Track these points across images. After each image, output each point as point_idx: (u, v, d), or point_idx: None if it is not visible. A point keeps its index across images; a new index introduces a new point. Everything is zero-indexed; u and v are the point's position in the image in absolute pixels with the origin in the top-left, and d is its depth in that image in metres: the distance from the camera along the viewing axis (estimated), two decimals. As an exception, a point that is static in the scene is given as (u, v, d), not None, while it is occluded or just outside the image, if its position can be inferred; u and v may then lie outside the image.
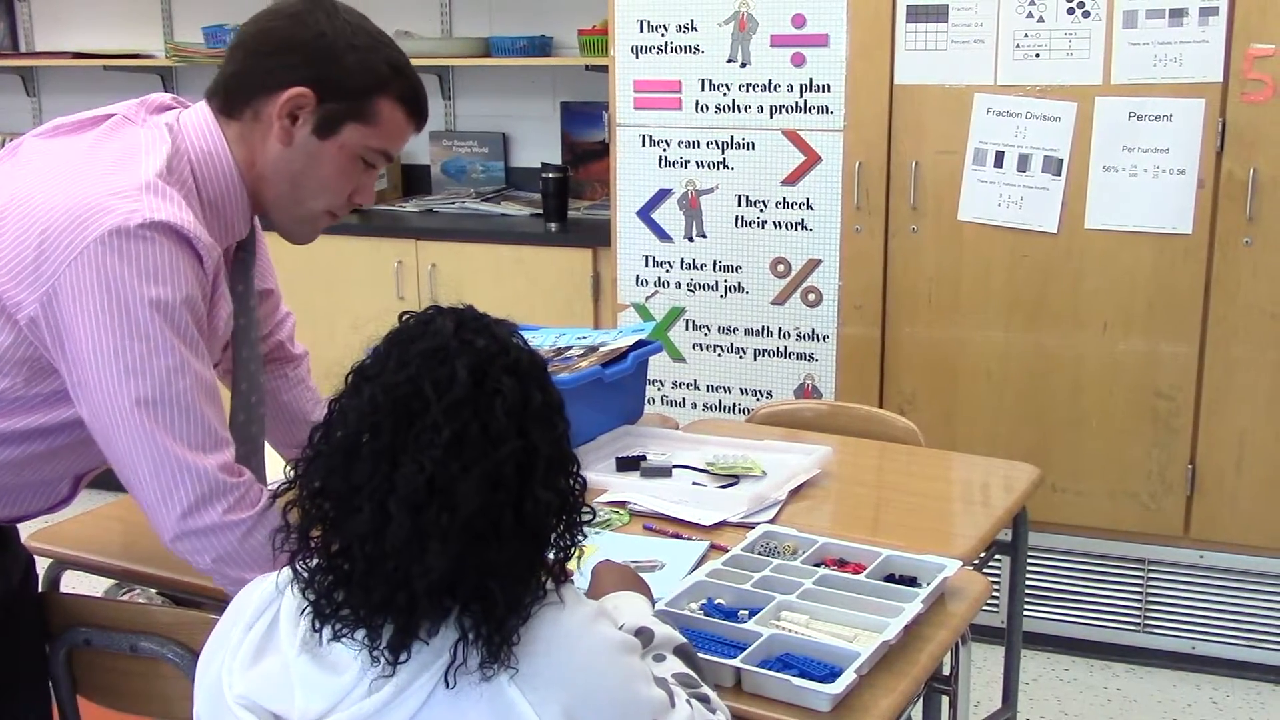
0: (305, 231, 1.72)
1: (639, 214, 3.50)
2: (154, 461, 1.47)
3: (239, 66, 1.63)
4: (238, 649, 1.18)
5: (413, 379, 1.10)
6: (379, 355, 1.15)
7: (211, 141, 1.60)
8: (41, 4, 5.12)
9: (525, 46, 4.13)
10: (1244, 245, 2.92)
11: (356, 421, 1.10)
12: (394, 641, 1.10)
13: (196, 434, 1.49)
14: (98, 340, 1.45)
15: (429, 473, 1.07)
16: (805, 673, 1.46)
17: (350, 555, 1.11)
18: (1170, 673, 3.19)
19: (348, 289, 4.06)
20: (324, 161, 1.62)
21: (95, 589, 2.21)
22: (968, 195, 3.13)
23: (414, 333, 1.14)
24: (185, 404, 1.48)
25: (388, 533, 1.07)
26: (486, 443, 1.10)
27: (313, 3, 1.63)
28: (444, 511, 1.08)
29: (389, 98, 1.63)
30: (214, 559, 1.53)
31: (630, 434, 2.35)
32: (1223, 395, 3.02)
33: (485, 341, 1.13)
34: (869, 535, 1.89)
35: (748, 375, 3.47)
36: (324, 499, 1.13)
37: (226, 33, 4.46)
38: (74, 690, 1.79)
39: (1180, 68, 2.89)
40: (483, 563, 1.09)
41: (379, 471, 1.08)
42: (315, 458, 1.14)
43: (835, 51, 3.19)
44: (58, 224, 1.46)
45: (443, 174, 4.58)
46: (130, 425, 1.47)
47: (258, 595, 1.22)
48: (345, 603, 1.11)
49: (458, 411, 1.09)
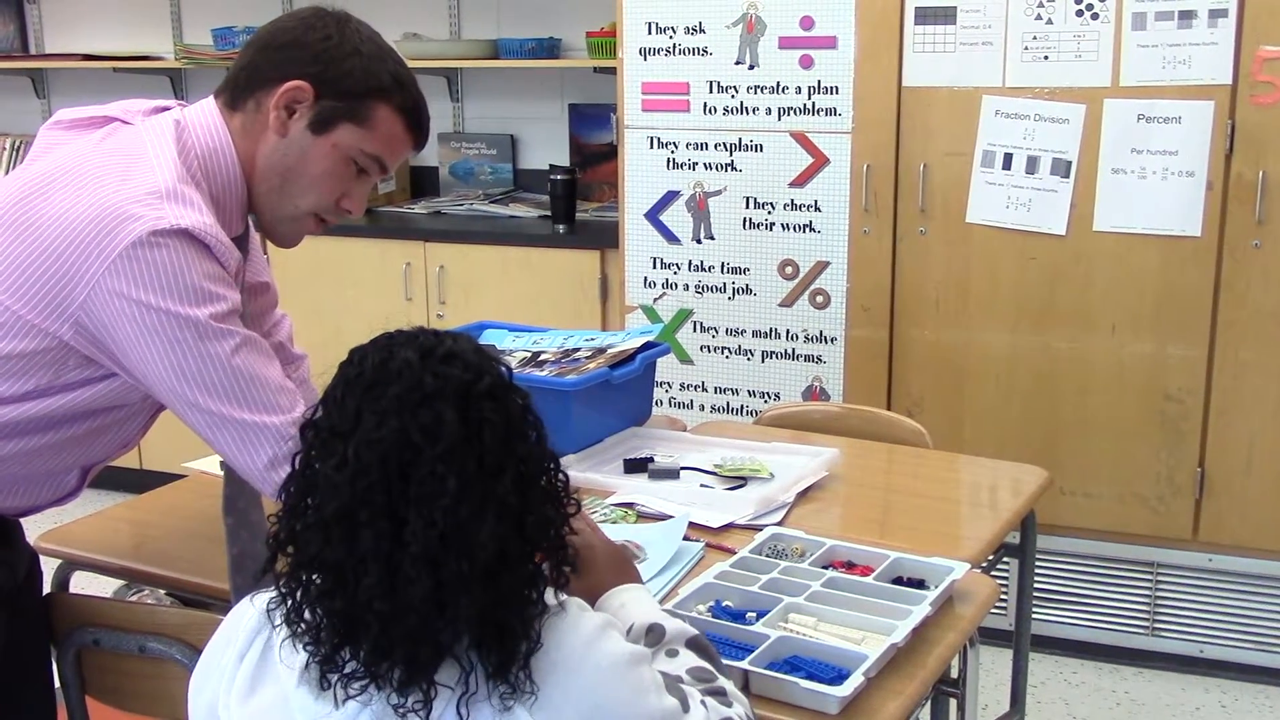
0: (289, 232, 1.72)
1: (647, 216, 3.50)
2: (234, 434, 1.54)
3: (249, 61, 1.67)
4: (233, 681, 1.15)
5: (397, 431, 1.04)
6: (345, 407, 1.07)
7: (217, 138, 1.63)
8: (51, 6, 5.13)
9: (533, 48, 4.13)
10: (1253, 248, 2.92)
11: (347, 489, 1.04)
12: (404, 680, 1.06)
13: (262, 396, 1.55)
14: (147, 345, 1.49)
15: (441, 526, 1.03)
16: (813, 675, 1.46)
17: (359, 620, 1.05)
18: (1179, 676, 3.19)
19: (356, 290, 4.07)
20: (316, 158, 1.64)
21: (105, 590, 2.21)
22: (976, 197, 3.13)
23: (378, 376, 1.06)
24: (247, 377, 1.53)
25: (408, 593, 1.03)
26: (487, 477, 1.06)
27: (327, 12, 1.67)
28: (463, 560, 1.04)
29: (388, 105, 1.65)
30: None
31: (638, 436, 2.35)
32: (1232, 398, 3.01)
33: (458, 370, 1.08)
34: (877, 538, 1.89)
35: (755, 377, 3.47)
36: (320, 569, 1.07)
37: (236, 34, 4.47)
38: (82, 691, 1.80)
39: (1189, 70, 2.89)
40: (499, 597, 1.06)
41: (382, 534, 1.03)
42: (305, 530, 1.07)
43: (843, 53, 3.19)
44: (84, 234, 1.48)
45: (451, 176, 4.59)
46: (200, 412, 1.53)
47: (246, 623, 1.18)
48: (356, 659, 1.06)
49: (453, 455, 1.04)
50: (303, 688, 1.11)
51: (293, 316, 2.08)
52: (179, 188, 1.53)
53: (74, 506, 1.83)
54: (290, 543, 1.09)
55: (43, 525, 2.00)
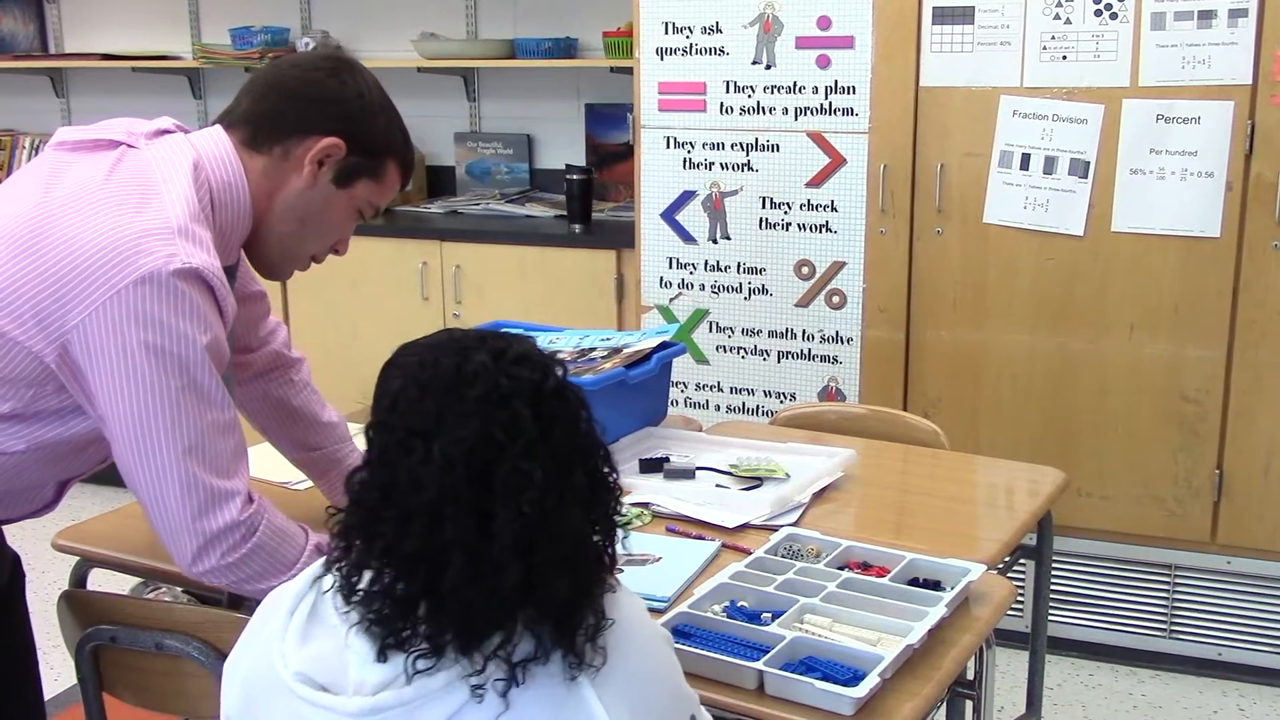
0: (287, 270, 1.80)
1: (663, 216, 3.50)
2: (179, 484, 1.54)
3: (275, 106, 1.68)
4: (284, 633, 1.19)
5: (480, 430, 1.10)
6: (424, 407, 1.13)
7: (231, 172, 1.65)
8: (71, 6, 5.16)
9: (550, 48, 4.13)
10: (1273, 249, 2.90)
11: (434, 484, 1.10)
12: (484, 658, 1.11)
13: (219, 461, 1.56)
14: (126, 378, 1.49)
15: (529, 515, 1.09)
16: (828, 676, 1.46)
17: (440, 605, 1.11)
18: (1196, 679, 3.17)
19: (372, 290, 4.08)
20: (334, 209, 1.72)
21: (122, 587, 2.23)
22: (993, 198, 3.12)
23: (456, 378, 1.13)
24: (215, 432, 1.55)
25: (498, 579, 1.09)
26: (562, 469, 1.13)
27: (343, 61, 1.73)
28: (552, 546, 1.11)
29: (396, 161, 1.75)
30: (233, 569, 1.60)
31: (654, 436, 2.35)
32: (1250, 400, 2.99)
33: (528, 371, 1.14)
34: (893, 539, 1.89)
35: (771, 377, 3.46)
36: (393, 559, 1.12)
37: (253, 34, 4.48)
38: (99, 688, 1.81)
39: (1209, 70, 2.87)
40: (579, 578, 1.14)
41: (467, 525, 1.09)
42: (379, 522, 1.13)
43: (860, 53, 3.18)
44: (93, 261, 1.48)
45: (467, 175, 4.59)
46: (155, 453, 1.52)
47: (290, 590, 1.23)
48: (430, 641, 1.11)
49: (533, 451, 1.11)
50: (360, 637, 1.14)
51: (309, 316, 2.10)
52: (190, 226, 1.54)
53: (91, 504, 1.84)
54: (360, 534, 1.14)
55: (59, 523, 2.01)
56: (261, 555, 1.60)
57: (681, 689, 1.24)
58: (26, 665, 1.81)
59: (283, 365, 1.99)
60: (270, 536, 1.60)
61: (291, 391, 1.98)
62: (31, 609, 1.83)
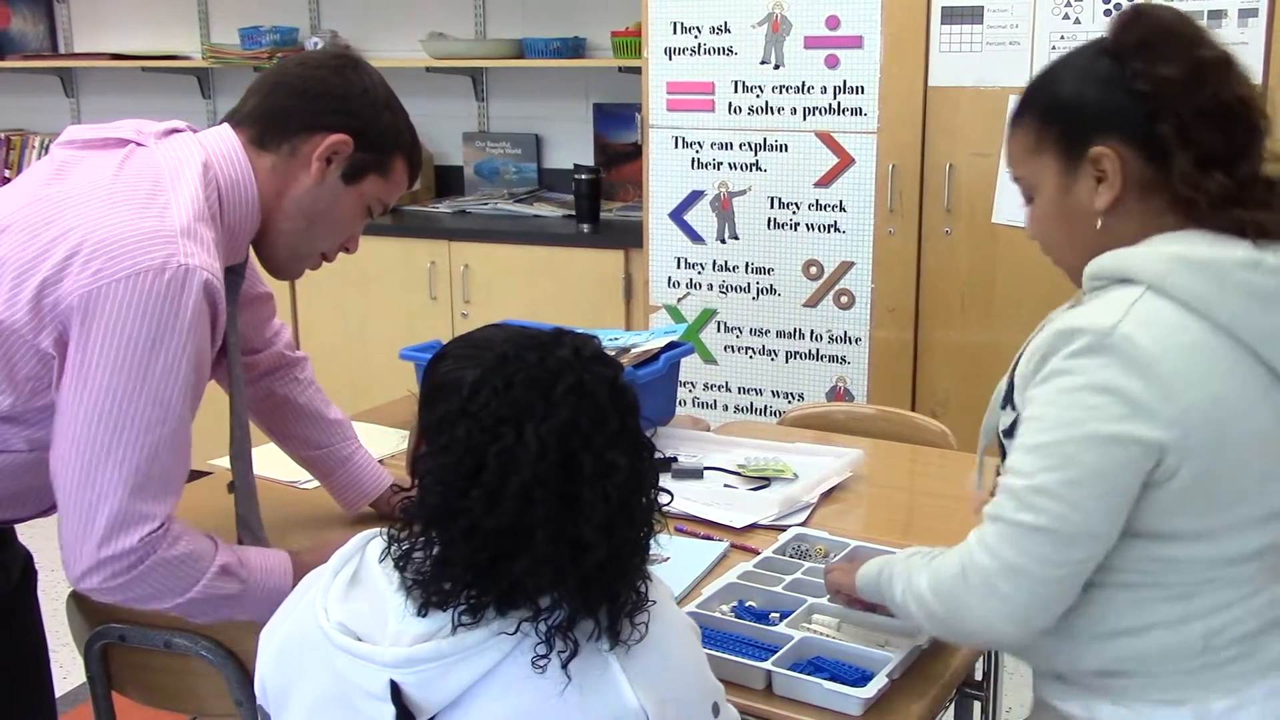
0: (298, 268, 1.79)
1: (671, 215, 3.50)
2: (112, 490, 1.49)
3: (282, 104, 1.68)
4: (328, 589, 1.25)
5: (569, 420, 1.17)
6: (513, 397, 1.18)
7: (240, 171, 1.65)
8: (80, 6, 5.18)
9: (558, 48, 4.14)
10: (1283, 249, 2.89)
11: (529, 467, 1.16)
12: (548, 631, 1.17)
13: (164, 479, 1.51)
14: (96, 365, 1.46)
15: (614, 501, 1.17)
16: (836, 676, 1.46)
17: (517, 580, 1.16)
18: (1205, 680, 3.16)
19: (381, 289, 4.08)
20: (343, 206, 1.72)
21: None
22: (1002, 198, 3.11)
23: (542, 371, 1.20)
24: (154, 451, 1.50)
25: (585, 558, 1.16)
26: (636, 459, 1.22)
27: (348, 58, 1.73)
28: (631, 529, 1.20)
29: (403, 157, 1.74)
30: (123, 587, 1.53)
31: (662, 435, 2.35)
32: (1260, 400, 2.98)
33: (603, 368, 1.23)
34: (901, 539, 1.88)
35: (779, 377, 3.46)
36: (474, 535, 1.17)
37: (262, 34, 4.49)
38: (109, 686, 1.81)
39: (1219, 70, 2.87)
40: (642, 560, 1.23)
41: (554, 507, 1.16)
42: (466, 500, 1.18)
43: (869, 53, 3.18)
44: (93, 250, 1.47)
45: (476, 175, 4.60)
46: (96, 452, 1.48)
47: (337, 553, 1.29)
48: (472, 599, 1.17)
49: (616, 441, 1.19)
50: (401, 594, 1.20)
51: (317, 315, 2.10)
52: (195, 226, 1.53)
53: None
54: (437, 511, 1.19)
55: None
56: (151, 580, 1.53)
57: (707, 678, 1.28)
58: (38, 663, 1.82)
59: (286, 364, 1.99)
60: (161, 564, 1.53)
61: (297, 390, 1.99)
62: (41, 607, 1.83)
